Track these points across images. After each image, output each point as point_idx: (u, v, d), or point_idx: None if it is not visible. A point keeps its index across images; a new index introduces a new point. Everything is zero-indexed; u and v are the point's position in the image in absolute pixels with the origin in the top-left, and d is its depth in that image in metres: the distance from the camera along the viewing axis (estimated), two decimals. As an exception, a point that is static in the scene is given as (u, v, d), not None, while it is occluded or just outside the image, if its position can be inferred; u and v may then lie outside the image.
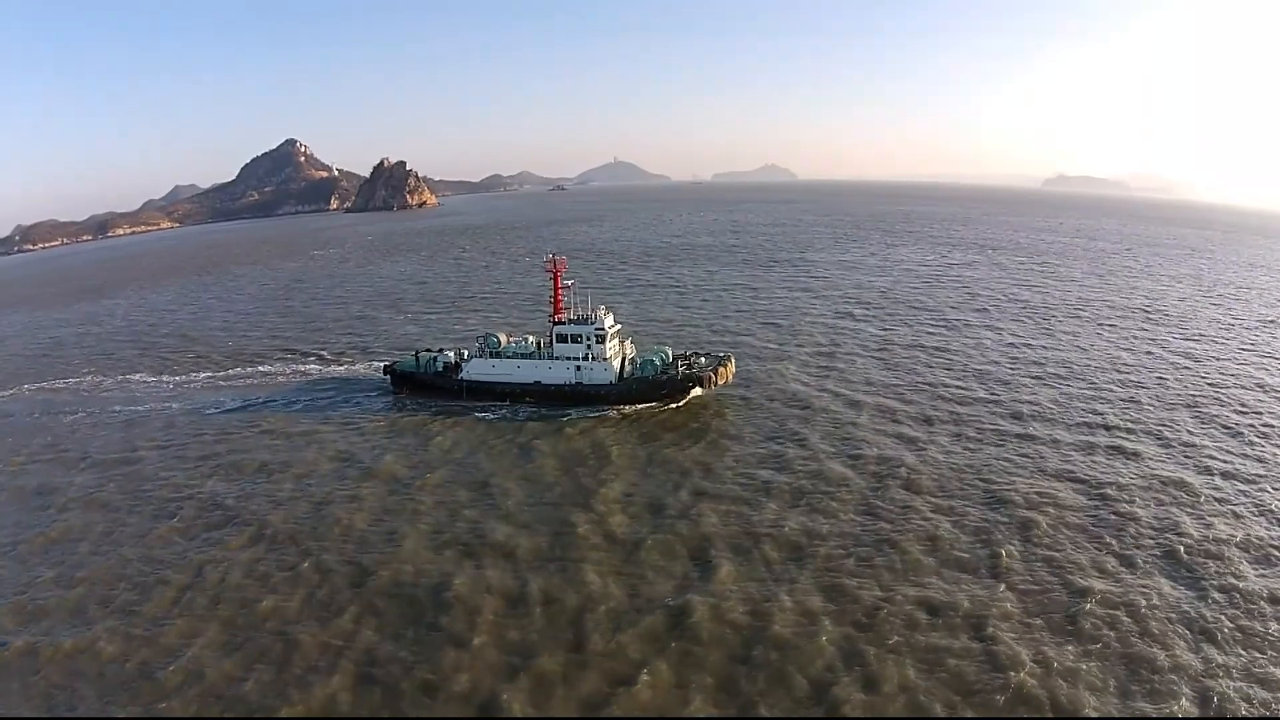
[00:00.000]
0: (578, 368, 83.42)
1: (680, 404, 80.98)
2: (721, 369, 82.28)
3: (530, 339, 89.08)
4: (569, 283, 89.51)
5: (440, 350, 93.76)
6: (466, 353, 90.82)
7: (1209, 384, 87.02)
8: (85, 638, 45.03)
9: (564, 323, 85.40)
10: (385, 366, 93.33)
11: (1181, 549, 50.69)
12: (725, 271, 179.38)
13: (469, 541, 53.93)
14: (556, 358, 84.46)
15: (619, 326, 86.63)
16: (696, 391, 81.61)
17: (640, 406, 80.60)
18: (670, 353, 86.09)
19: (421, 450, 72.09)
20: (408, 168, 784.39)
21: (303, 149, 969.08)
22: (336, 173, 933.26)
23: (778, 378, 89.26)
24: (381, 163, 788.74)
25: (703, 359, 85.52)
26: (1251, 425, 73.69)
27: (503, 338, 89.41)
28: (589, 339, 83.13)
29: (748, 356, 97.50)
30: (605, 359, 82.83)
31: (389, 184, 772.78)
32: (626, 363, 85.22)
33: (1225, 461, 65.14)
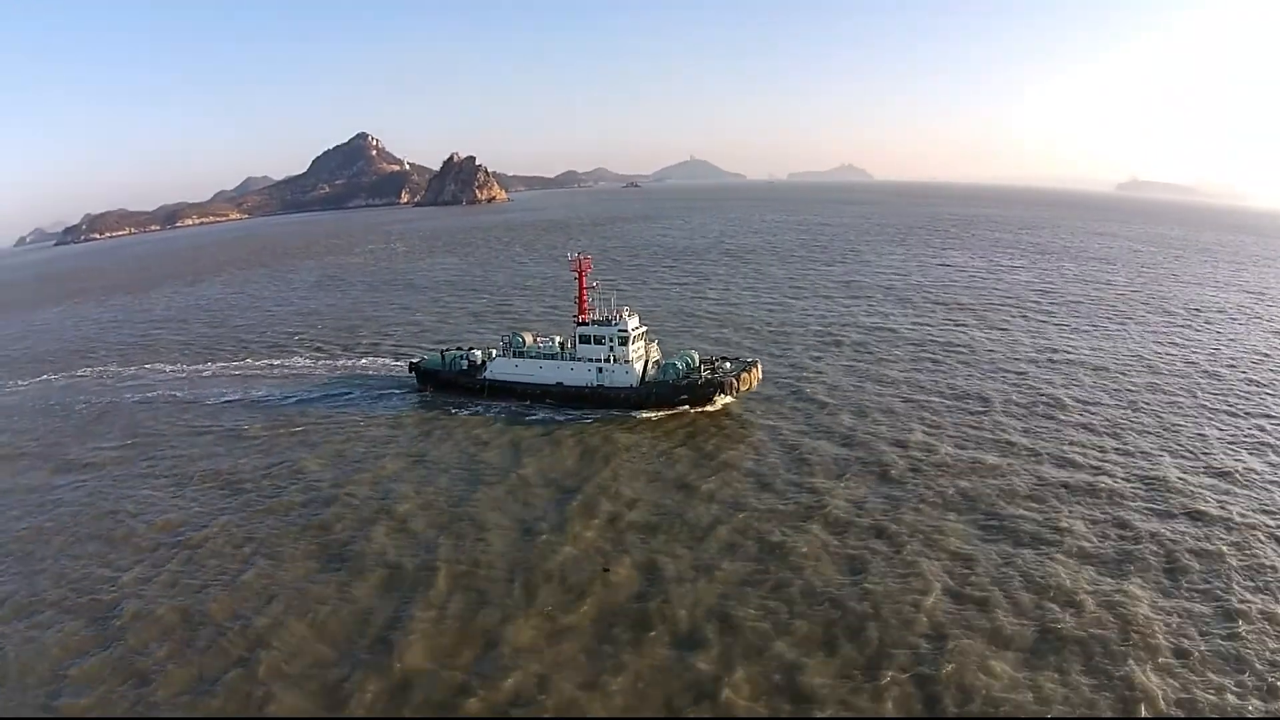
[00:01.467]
0: (600, 370, 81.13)
1: (702, 409, 77.30)
2: (746, 374, 78.77)
3: (556, 339, 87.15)
4: (594, 283, 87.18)
5: (469, 349, 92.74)
6: (494, 352, 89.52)
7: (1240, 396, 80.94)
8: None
9: (587, 324, 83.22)
10: (411, 363, 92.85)
11: (1180, 565, 47.74)
12: (771, 271, 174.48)
13: (428, 546, 52.66)
14: (579, 359, 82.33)
15: (644, 329, 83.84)
16: (724, 398, 78.21)
17: (657, 412, 77.15)
18: (696, 357, 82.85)
19: (413, 451, 70.69)
20: (477, 163, 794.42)
21: (374, 142, 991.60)
22: (407, 166, 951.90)
23: (802, 385, 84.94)
24: (451, 157, 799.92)
25: (728, 363, 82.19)
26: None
27: (528, 338, 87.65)
28: (612, 341, 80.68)
29: (779, 360, 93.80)
30: (628, 361, 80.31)
31: (458, 179, 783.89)
32: (650, 365, 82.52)
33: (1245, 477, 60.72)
